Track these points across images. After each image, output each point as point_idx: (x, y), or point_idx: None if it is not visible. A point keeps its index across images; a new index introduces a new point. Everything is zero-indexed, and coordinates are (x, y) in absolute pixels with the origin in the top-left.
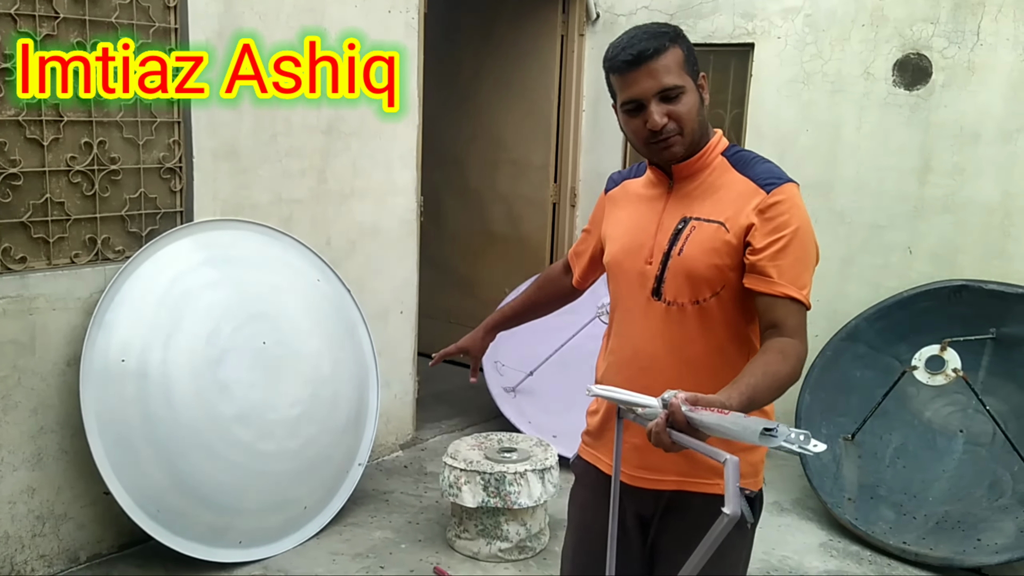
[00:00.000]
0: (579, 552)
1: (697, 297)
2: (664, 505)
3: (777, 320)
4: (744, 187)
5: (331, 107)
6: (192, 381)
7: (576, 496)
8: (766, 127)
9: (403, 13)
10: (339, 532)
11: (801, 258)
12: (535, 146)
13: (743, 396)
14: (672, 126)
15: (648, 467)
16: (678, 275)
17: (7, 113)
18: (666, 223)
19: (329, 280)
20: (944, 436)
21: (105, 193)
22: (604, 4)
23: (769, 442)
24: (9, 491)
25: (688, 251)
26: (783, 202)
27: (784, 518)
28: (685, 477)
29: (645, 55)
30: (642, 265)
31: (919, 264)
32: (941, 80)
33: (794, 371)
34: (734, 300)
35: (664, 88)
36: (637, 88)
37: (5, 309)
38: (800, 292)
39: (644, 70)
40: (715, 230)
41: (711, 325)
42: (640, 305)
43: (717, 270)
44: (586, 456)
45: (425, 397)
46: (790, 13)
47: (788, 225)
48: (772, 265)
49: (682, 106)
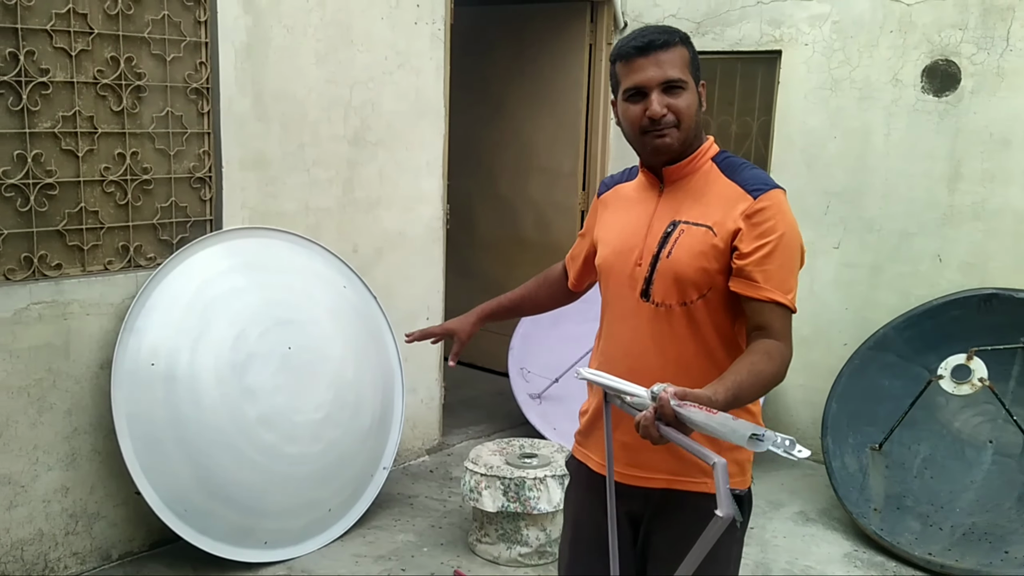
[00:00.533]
0: (575, 550)
1: (684, 299)
2: (655, 504)
3: (764, 323)
4: (732, 192)
5: (357, 116)
6: (218, 384)
7: (570, 495)
8: (794, 134)
9: (429, 25)
10: (363, 535)
11: (786, 263)
12: (564, 153)
13: (728, 392)
14: (670, 118)
15: (638, 465)
16: (666, 277)
17: (43, 125)
18: (656, 226)
19: (355, 287)
20: (973, 447)
21: (137, 202)
22: (632, 13)
23: (756, 446)
24: (44, 490)
25: (676, 254)
26: (769, 208)
27: (809, 528)
28: (675, 476)
29: (655, 44)
30: (632, 267)
31: (949, 272)
32: (970, 86)
33: (779, 371)
34: (721, 302)
35: (668, 79)
36: (643, 75)
37: (41, 314)
38: (786, 296)
39: (652, 59)
40: (703, 234)
41: (698, 326)
42: (630, 306)
43: (704, 273)
44: (578, 455)
45: (452, 403)
46: (818, 20)
47: (774, 231)
48: (759, 270)
49: (682, 101)
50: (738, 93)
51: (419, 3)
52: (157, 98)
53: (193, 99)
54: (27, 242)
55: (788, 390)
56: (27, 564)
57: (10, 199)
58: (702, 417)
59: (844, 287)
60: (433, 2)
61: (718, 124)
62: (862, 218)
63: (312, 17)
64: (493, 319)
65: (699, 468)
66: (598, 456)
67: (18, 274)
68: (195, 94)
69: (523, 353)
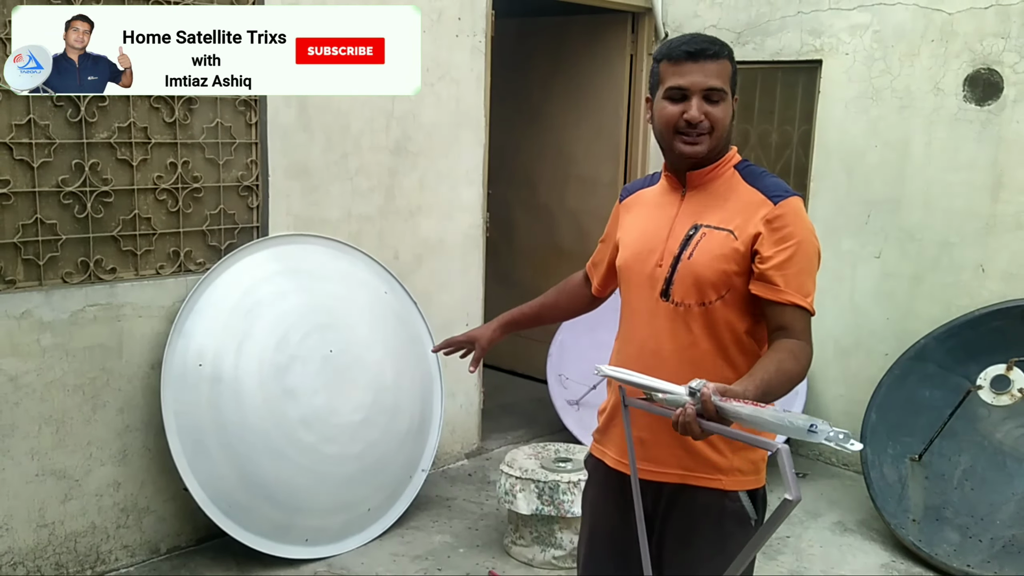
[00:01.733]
0: (591, 547)
1: (704, 299)
2: (667, 499)
3: (784, 324)
4: (752, 197)
5: (399, 127)
6: (261, 386)
7: (587, 493)
8: (834, 143)
9: (470, 37)
10: (401, 535)
11: (805, 267)
12: (604, 163)
13: (759, 390)
14: (706, 124)
15: (650, 460)
16: (686, 278)
17: (100, 136)
18: (678, 229)
19: (396, 292)
20: (1015, 458)
21: (188, 209)
22: (672, 24)
23: (812, 437)
24: (97, 484)
25: (697, 256)
26: (788, 214)
27: (847, 538)
28: (687, 471)
29: (706, 52)
30: (653, 267)
31: (991, 283)
32: (1012, 95)
33: (803, 370)
34: (738, 303)
35: (711, 88)
36: (689, 78)
37: (96, 316)
38: (805, 300)
39: (700, 65)
40: (724, 237)
41: (715, 326)
42: (649, 305)
43: (724, 275)
44: (595, 453)
45: (492, 408)
46: (858, 29)
47: (793, 236)
48: (779, 274)
49: (719, 111)
50: (779, 102)
51: (460, 16)
52: (207, 110)
53: (241, 111)
54: (84, 247)
55: (828, 400)
56: (80, 556)
57: (68, 206)
58: (750, 411)
59: (885, 297)
60: (474, 15)
61: (759, 133)
62: (903, 227)
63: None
64: (516, 327)
65: (711, 464)
66: (615, 452)
67: (75, 277)
68: (243, 106)
69: (561, 360)
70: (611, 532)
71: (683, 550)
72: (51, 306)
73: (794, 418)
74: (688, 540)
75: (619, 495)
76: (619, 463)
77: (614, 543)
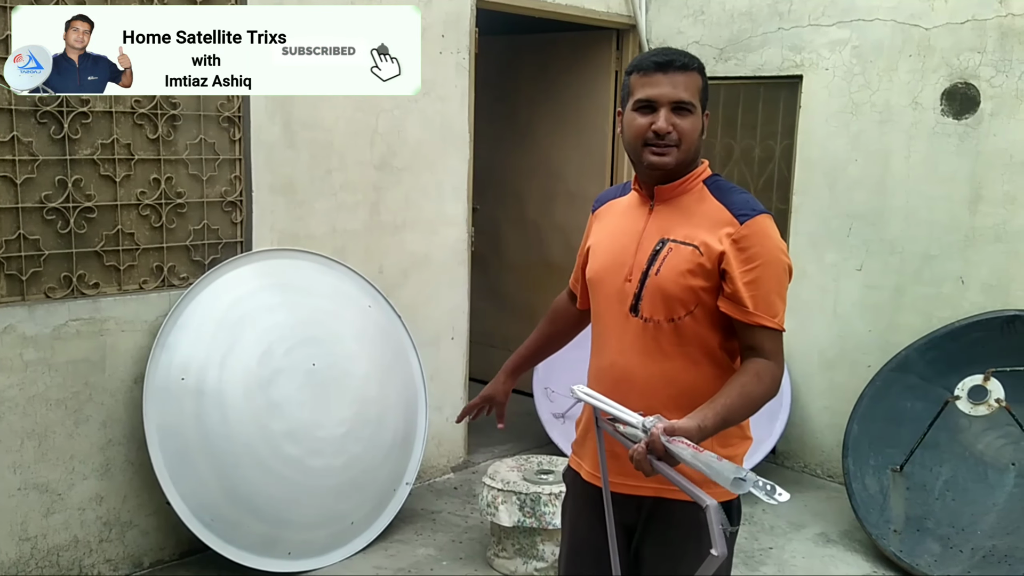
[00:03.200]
0: (571, 560)
1: (672, 315)
2: (646, 513)
3: (754, 344)
4: (719, 214)
5: (384, 143)
6: (245, 399)
7: (566, 505)
8: (816, 158)
9: (454, 54)
10: (385, 548)
11: (773, 288)
12: (591, 178)
13: (718, 417)
14: (674, 136)
15: (627, 474)
16: (654, 294)
17: (83, 152)
18: (645, 243)
19: (380, 307)
20: (996, 469)
21: (171, 225)
22: (657, 40)
23: (739, 488)
24: (79, 498)
25: (664, 272)
26: (755, 234)
27: (829, 549)
28: (663, 484)
29: (675, 64)
30: (622, 282)
31: (971, 294)
32: (989, 109)
33: (768, 390)
34: (707, 319)
35: (680, 100)
36: (657, 89)
37: (79, 330)
38: (773, 320)
39: (669, 77)
40: (690, 252)
41: (685, 342)
42: (619, 320)
43: (691, 291)
44: (573, 465)
45: (480, 422)
46: (837, 45)
47: (759, 256)
48: (747, 295)
49: (688, 123)
50: (761, 117)
51: (444, 33)
52: (191, 126)
53: (225, 127)
54: (67, 262)
55: (813, 413)
56: (63, 569)
57: (51, 222)
58: (689, 455)
59: (868, 309)
60: (458, 33)
61: (742, 148)
62: (884, 240)
63: None
64: (522, 371)
65: (687, 478)
66: (589, 465)
67: (58, 292)
68: (227, 122)
69: (547, 373)
70: (589, 543)
71: (662, 563)
72: (34, 321)
73: (723, 467)
74: (667, 554)
75: (595, 507)
76: (593, 476)
77: (593, 554)
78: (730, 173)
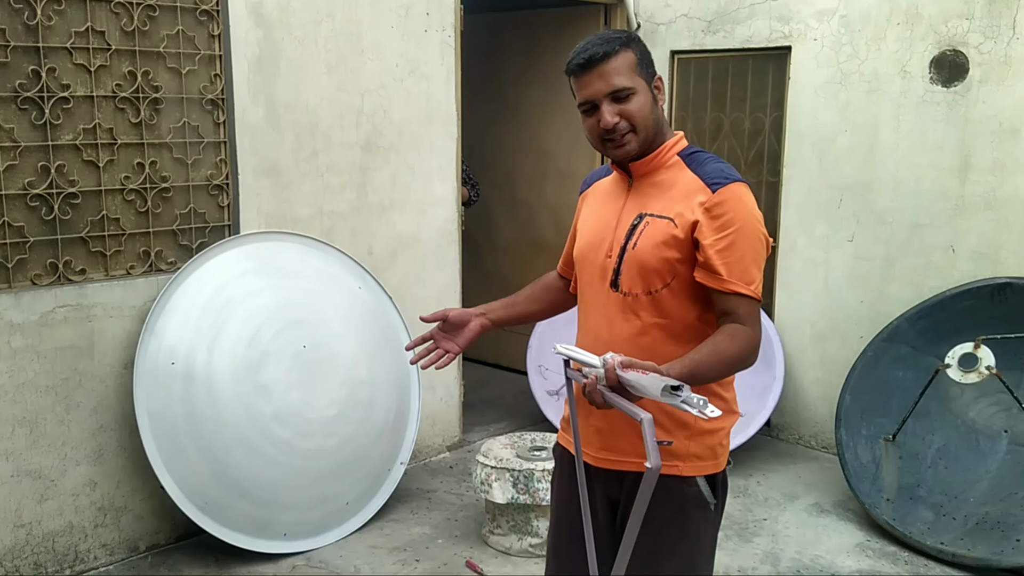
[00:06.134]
0: (558, 535)
1: (650, 288)
2: (628, 486)
3: (728, 310)
4: (693, 185)
5: (369, 123)
6: (234, 382)
7: (554, 481)
8: (805, 129)
9: (439, 32)
10: (380, 527)
11: (747, 254)
12: (580, 157)
13: (684, 369)
14: (624, 124)
15: (610, 449)
16: (632, 267)
17: (66, 138)
18: (624, 219)
19: (370, 288)
20: (987, 437)
21: (157, 209)
22: (644, 14)
23: (670, 399)
24: (73, 484)
25: (640, 245)
26: (727, 201)
27: (823, 519)
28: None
29: (596, 59)
30: (603, 258)
31: (961, 263)
32: (978, 76)
33: (743, 352)
34: (685, 291)
35: (614, 90)
36: (590, 90)
37: (66, 317)
38: (748, 287)
39: (595, 73)
40: (665, 225)
41: (664, 314)
42: (601, 296)
43: (666, 263)
44: (561, 441)
45: (475, 401)
46: (825, 15)
47: (732, 223)
48: (720, 263)
49: (632, 105)
50: (750, 90)
51: (428, 11)
52: (174, 110)
53: (209, 110)
54: (52, 249)
55: (806, 385)
56: (59, 555)
57: (35, 208)
58: (634, 376)
59: (858, 280)
60: (442, 10)
61: (732, 121)
62: (874, 211)
63: (322, 28)
64: (497, 328)
65: (670, 452)
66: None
67: (44, 279)
68: (211, 105)
69: (540, 351)
70: (575, 518)
71: (645, 535)
72: (20, 308)
73: (658, 380)
74: (650, 526)
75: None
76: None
77: (578, 529)
78: (720, 147)
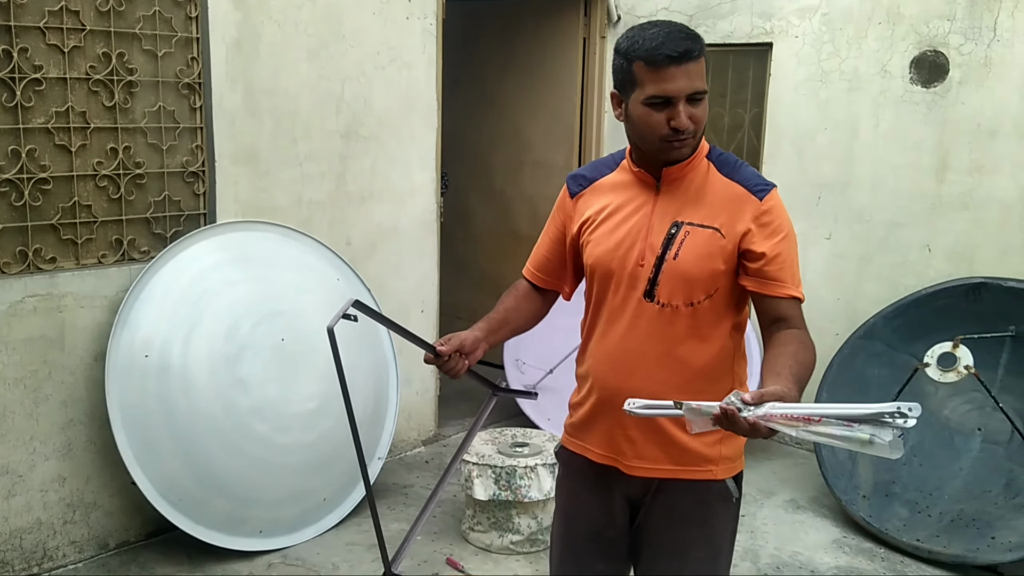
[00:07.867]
0: (566, 542)
1: (691, 300)
2: (655, 489)
3: (784, 315)
4: (734, 191)
5: (349, 111)
6: (211, 376)
7: (562, 485)
8: (785, 126)
9: (421, 20)
10: (358, 524)
11: (794, 258)
12: (558, 148)
13: (794, 388)
14: (692, 128)
15: (643, 457)
16: (673, 278)
17: (37, 121)
18: (656, 226)
19: (349, 279)
20: (961, 434)
21: (131, 196)
22: (625, 6)
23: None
24: (41, 479)
25: (684, 256)
26: (774, 208)
27: (799, 515)
28: (677, 465)
29: (691, 54)
30: (633, 267)
31: (937, 262)
32: (958, 77)
33: (815, 358)
34: (725, 300)
35: (696, 91)
36: (674, 85)
37: (36, 307)
38: (799, 290)
39: (684, 69)
40: (710, 235)
41: (701, 324)
42: (630, 306)
43: (713, 274)
44: (571, 447)
45: (449, 395)
46: (807, 12)
47: (782, 230)
48: (776, 270)
49: (701, 111)
50: (730, 85)
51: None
52: (149, 93)
53: (185, 94)
54: (22, 236)
55: None
56: (26, 552)
57: (4, 194)
58: (777, 425)
59: (835, 278)
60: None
61: (711, 116)
62: (851, 209)
63: (303, 13)
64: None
65: (701, 456)
66: (600, 448)
67: (13, 268)
68: (187, 89)
69: (517, 345)
70: (590, 527)
71: (662, 532)
72: None
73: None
74: (669, 524)
75: (601, 485)
76: (605, 457)
77: (593, 538)
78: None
